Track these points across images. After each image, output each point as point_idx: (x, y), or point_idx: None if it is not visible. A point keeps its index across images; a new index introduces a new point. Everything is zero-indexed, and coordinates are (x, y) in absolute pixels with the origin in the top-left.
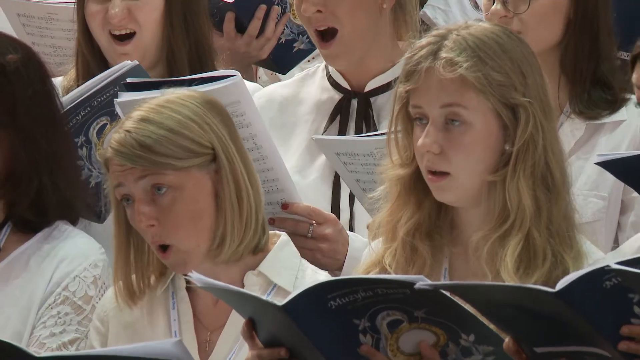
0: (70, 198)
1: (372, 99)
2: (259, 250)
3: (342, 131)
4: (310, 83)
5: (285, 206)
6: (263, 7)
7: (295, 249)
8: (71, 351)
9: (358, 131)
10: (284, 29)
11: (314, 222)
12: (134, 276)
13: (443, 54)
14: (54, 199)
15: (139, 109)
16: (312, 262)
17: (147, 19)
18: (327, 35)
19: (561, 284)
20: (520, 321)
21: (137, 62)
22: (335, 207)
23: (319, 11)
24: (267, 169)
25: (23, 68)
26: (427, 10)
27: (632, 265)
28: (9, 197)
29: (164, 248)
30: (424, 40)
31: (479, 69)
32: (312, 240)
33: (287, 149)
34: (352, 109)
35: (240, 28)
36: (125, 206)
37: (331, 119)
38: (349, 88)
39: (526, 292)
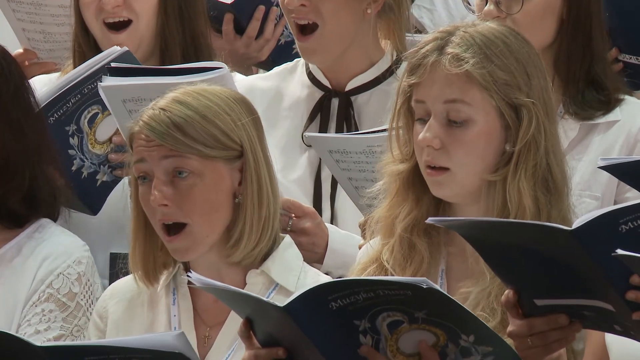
0: (56, 192)
1: (352, 98)
2: (268, 257)
3: (323, 131)
4: (290, 78)
5: None
6: (262, 8)
7: (298, 250)
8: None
9: (339, 131)
10: (284, 31)
11: (293, 215)
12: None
13: (449, 49)
14: (45, 191)
15: (174, 91)
16: None
17: (143, 7)
18: (307, 29)
19: (578, 222)
20: (526, 269)
21: (127, 49)
22: (317, 207)
23: (302, 5)
24: None
25: (4, 62)
26: (413, 9)
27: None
28: (2, 190)
29: (171, 231)
30: (430, 36)
31: (484, 66)
32: (292, 234)
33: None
34: (332, 109)
35: (239, 29)
36: (140, 184)
37: (311, 118)
38: (329, 86)
39: (542, 230)
